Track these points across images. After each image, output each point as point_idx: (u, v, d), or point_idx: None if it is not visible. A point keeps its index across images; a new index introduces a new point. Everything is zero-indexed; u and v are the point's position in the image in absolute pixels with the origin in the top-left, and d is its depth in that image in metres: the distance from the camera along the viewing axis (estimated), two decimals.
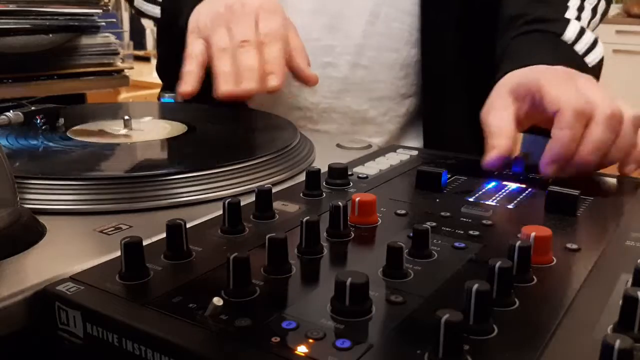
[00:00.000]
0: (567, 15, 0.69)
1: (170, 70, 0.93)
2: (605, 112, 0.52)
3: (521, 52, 0.66)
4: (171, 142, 0.60)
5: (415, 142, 0.85)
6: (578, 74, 0.57)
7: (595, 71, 0.67)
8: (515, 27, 0.69)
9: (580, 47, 0.67)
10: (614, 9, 3.39)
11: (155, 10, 0.81)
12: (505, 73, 0.62)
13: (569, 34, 0.67)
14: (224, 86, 0.62)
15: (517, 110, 0.58)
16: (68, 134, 0.61)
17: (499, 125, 0.56)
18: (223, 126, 0.70)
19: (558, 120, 0.52)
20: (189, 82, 0.65)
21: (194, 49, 0.66)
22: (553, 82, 0.55)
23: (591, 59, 0.67)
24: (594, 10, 0.72)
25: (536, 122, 0.58)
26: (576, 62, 0.65)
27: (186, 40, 0.68)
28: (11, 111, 0.61)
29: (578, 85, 0.54)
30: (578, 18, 0.69)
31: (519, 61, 0.62)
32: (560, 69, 0.58)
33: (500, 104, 0.58)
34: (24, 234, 0.40)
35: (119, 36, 0.93)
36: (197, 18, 0.68)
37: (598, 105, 0.52)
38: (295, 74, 0.68)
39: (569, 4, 0.70)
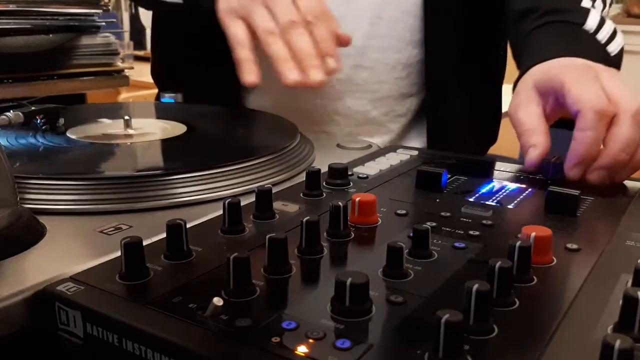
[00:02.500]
0: (583, 4, 0.68)
1: (165, 74, 0.93)
2: (630, 108, 0.51)
3: (541, 45, 0.64)
4: (171, 142, 0.60)
5: (417, 140, 0.85)
6: (600, 68, 0.56)
7: (617, 60, 0.66)
8: (530, 20, 0.68)
9: (602, 37, 0.66)
10: (614, 9, 3.39)
11: None
12: (528, 68, 0.61)
13: (590, 23, 0.65)
14: (291, 75, 0.60)
15: (543, 106, 0.57)
16: (68, 134, 0.61)
17: (531, 122, 0.55)
18: (223, 126, 0.70)
19: (579, 121, 0.51)
20: (251, 71, 0.62)
21: (237, 32, 0.63)
22: (575, 79, 0.54)
23: (613, 48, 0.66)
24: (604, 1, 0.72)
25: (563, 116, 0.57)
26: (599, 52, 0.64)
27: (221, 22, 0.65)
28: (11, 111, 0.61)
29: (601, 81, 0.53)
30: (593, 7, 0.68)
31: (541, 55, 0.61)
32: (582, 63, 0.57)
33: (527, 100, 0.57)
34: (24, 234, 0.40)
35: (119, 36, 0.93)
36: None
37: (622, 103, 0.51)
38: None
39: None
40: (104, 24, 0.86)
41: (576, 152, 0.52)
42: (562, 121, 0.59)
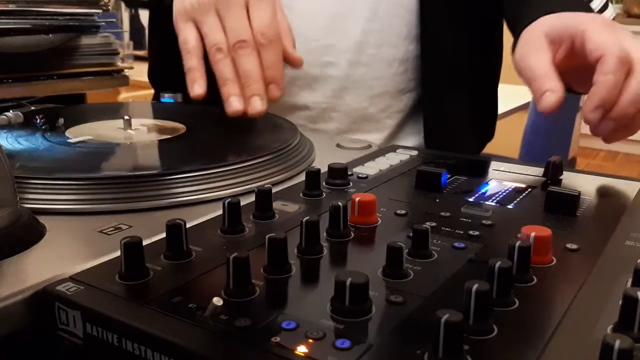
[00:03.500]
0: None
1: (162, 76, 0.92)
2: None
3: (542, 2, 0.64)
4: (171, 142, 0.60)
5: (414, 136, 0.85)
6: (618, 25, 0.56)
7: None
8: None
9: (595, 5, 0.67)
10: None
11: None
12: (535, 19, 0.60)
13: None
14: (234, 104, 0.60)
15: (553, 55, 0.56)
16: (68, 134, 0.61)
17: (544, 67, 0.54)
18: (223, 126, 0.70)
19: (602, 65, 0.52)
20: (198, 82, 0.62)
21: (188, 38, 0.62)
22: (595, 28, 0.54)
23: (606, 17, 0.67)
24: None
25: (567, 69, 0.57)
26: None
27: (174, 24, 0.64)
28: (11, 111, 0.61)
29: (619, 35, 0.54)
30: None
31: (549, 6, 0.61)
32: (600, 16, 0.58)
33: (537, 48, 0.57)
34: (24, 234, 0.40)
35: (119, 36, 0.93)
36: None
37: (635, 58, 0.52)
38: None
39: None
40: (103, 23, 0.86)
41: (597, 95, 0.51)
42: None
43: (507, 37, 0.80)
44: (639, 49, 0.53)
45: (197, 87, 0.61)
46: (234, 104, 0.60)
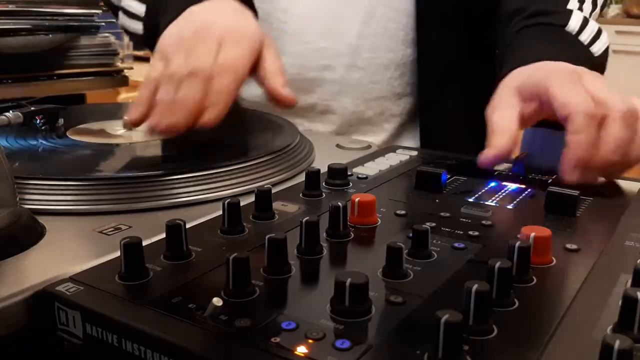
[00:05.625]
0: (569, 6, 0.68)
1: None
2: (620, 109, 0.51)
3: (525, 47, 0.65)
4: (171, 142, 0.60)
5: (412, 141, 0.85)
6: (584, 72, 0.56)
7: (602, 60, 0.66)
8: (516, 21, 0.68)
9: (585, 37, 0.66)
10: (614, 10, 3.39)
11: (138, 26, 0.75)
12: (510, 70, 0.61)
13: (573, 24, 0.66)
14: (153, 119, 0.55)
15: (523, 109, 0.57)
16: (67, 134, 0.61)
17: (501, 123, 0.56)
18: (223, 126, 0.70)
19: (571, 125, 0.51)
20: (136, 111, 0.56)
21: (152, 73, 0.59)
22: (560, 84, 0.54)
23: (597, 49, 0.66)
24: (594, 3, 0.72)
25: (546, 118, 0.57)
26: (582, 52, 0.64)
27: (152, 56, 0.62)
28: (11, 111, 0.61)
29: (586, 85, 0.53)
30: (580, 9, 0.68)
31: (524, 57, 0.61)
32: (565, 67, 0.57)
33: (505, 103, 0.57)
34: (23, 234, 0.40)
35: (119, 36, 0.93)
36: (164, 39, 0.62)
37: (610, 105, 0.51)
38: (270, 95, 0.61)
39: None
40: (103, 24, 0.86)
41: (571, 157, 0.51)
42: (544, 121, 0.59)
43: None
44: (612, 95, 0.52)
45: (132, 115, 0.56)
46: (152, 118, 0.55)
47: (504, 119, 0.56)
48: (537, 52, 0.61)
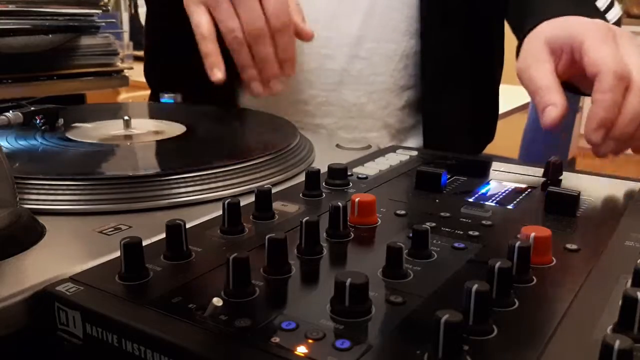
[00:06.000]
0: None
1: (161, 73, 0.92)
2: None
3: (549, 3, 0.63)
4: (170, 143, 0.60)
5: (414, 135, 0.84)
6: (621, 33, 0.55)
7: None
8: None
9: (601, 4, 0.65)
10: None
11: None
12: (537, 24, 0.59)
13: None
14: (256, 89, 0.68)
15: (555, 64, 0.55)
16: (67, 134, 0.61)
17: (546, 79, 0.54)
18: (222, 126, 0.70)
19: (599, 82, 0.50)
20: (217, 67, 0.66)
21: (201, 21, 0.65)
22: (595, 39, 0.53)
23: (612, 17, 0.66)
24: None
25: (569, 78, 0.56)
26: (601, 17, 0.62)
27: (185, 7, 0.66)
28: (11, 111, 0.61)
29: (619, 46, 0.52)
30: None
31: (551, 11, 0.59)
32: (602, 24, 0.55)
33: (539, 57, 0.55)
34: (23, 234, 0.40)
35: (119, 36, 0.93)
36: None
37: (635, 74, 0.51)
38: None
39: None
40: (103, 24, 0.86)
41: (597, 116, 0.50)
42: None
43: (508, 37, 0.80)
44: (635, 57, 0.51)
45: (217, 72, 0.66)
46: (255, 89, 0.68)
47: (548, 75, 0.54)
48: (564, 7, 0.60)
